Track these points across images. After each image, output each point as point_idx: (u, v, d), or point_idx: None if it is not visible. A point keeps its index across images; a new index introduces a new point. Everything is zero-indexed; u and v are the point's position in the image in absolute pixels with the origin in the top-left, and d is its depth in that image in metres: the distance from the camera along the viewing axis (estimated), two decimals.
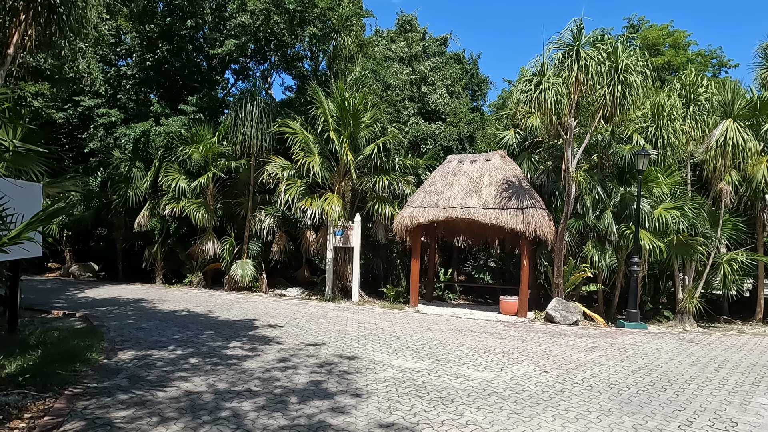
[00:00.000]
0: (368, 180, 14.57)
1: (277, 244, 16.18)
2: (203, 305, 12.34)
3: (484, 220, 12.51)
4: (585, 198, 12.74)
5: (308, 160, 13.86)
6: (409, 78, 17.24)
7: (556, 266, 12.46)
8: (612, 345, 9.32)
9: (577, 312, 11.91)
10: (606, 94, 11.36)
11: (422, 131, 16.33)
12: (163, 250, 16.44)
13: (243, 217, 16.36)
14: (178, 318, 10.37)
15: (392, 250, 16.82)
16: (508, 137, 14.82)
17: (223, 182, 16.31)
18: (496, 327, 10.90)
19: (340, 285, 15.28)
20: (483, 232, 15.84)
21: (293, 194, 13.96)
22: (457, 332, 10.02)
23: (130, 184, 15.65)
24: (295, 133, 14.28)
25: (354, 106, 13.90)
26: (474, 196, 13.01)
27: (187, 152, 15.07)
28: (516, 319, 12.31)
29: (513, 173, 13.28)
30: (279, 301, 14.01)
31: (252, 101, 15.30)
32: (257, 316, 11.06)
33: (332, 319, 11.09)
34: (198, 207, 15.27)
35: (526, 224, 12.13)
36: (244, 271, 15.56)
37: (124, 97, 16.09)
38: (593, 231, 12.88)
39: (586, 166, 12.57)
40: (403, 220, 13.38)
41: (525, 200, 12.42)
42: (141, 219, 15.68)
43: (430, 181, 13.96)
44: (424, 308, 13.53)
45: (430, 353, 7.99)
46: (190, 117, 15.58)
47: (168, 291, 15.04)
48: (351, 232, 14.64)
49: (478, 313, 13.00)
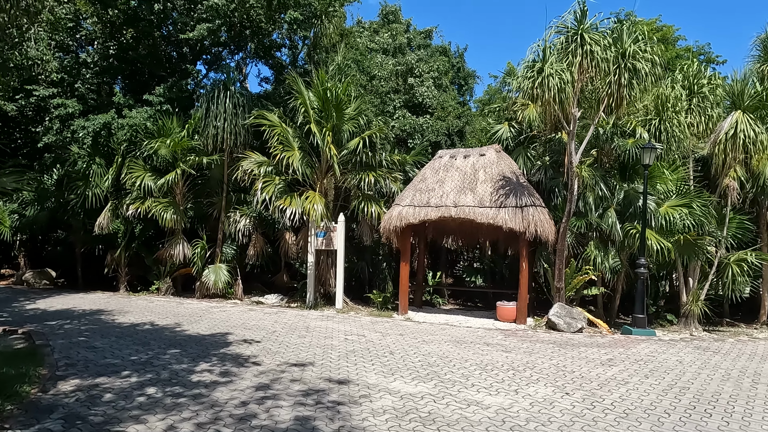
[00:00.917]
0: (353, 177, 13.45)
1: (254, 247, 14.94)
2: (170, 316, 11.04)
3: (480, 220, 11.52)
4: (587, 195, 11.87)
5: (287, 155, 12.68)
6: (395, 68, 16.17)
7: (557, 269, 11.56)
8: (628, 356, 8.41)
9: (582, 318, 11.02)
10: (612, 83, 10.50)
11: (410, 125, 15.28)
12: (128, 254, 15.01)
13: (216, 218, 15.07)
14: (139, 333, 9.09)
15: (378, 252, 15.74)
16: (502, 131, 13.88)
17: (193, 180, 14.98)
18: (497, 337, 9.92)
19: (323, 290, 14.13)
20: (475, 232, 14.89)
21: (271, 192, 12.75)
22: (456, 344, 8.99)
23: (89, 182, 14.17)
24: (272, 126, 13.08)
25: (337, 96, 12.78)
26: (468, 193, 12.02)
27: (153, 147, 13.70)
28: (515, 326, 11.36)
29: (510, 169, 12.33)
30: (256, 309, 12.79)
31: (225, 92, 14.03)
32: (231, 328, 9.85)
33: (316, 330, 9.95)
34: (166, 207, 13.92)
35: (525, 224, 11.19)
36: (218, 277, 14.27)
37: (83, 86, 14.61)
38: (596, 231, 12.02)
39: (590, 161, 11.69)
40: (392, 220, 12.31)
41: (524, 198, 11.48)
42: (102, 220, 14.23)
43: (420, 177, 12.92)
44: (414, 315, 12.48)
45: (431, 372, 6.93)
46: (156, 108, 14.20)
47: (132, 300, 13.64)
48: (334, 233, 13.50)
49: (473, 321, 12.01)
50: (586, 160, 11.68)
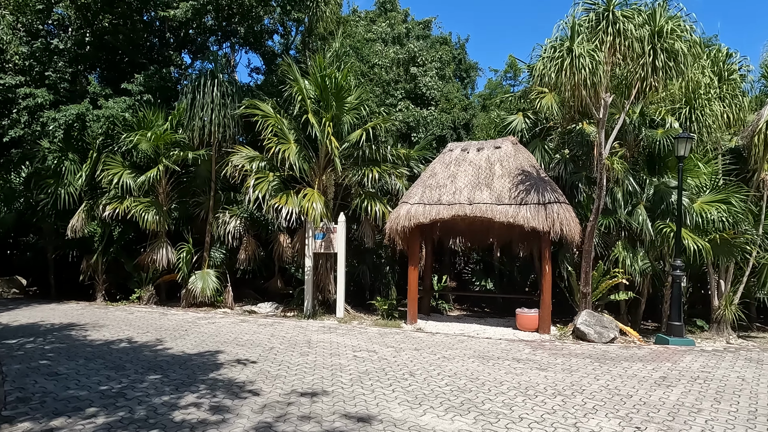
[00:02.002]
0: (354, 173, 12.24)
1: (245, 250, 13.65)
2: (151, 330, 9.74)
3: (499, 218, 10.38)
4: (615, 191, 10.80)
5: (282, 149, 11.43)
6: (396, 57, 14.99)
7: (583, 272, 10.46)
8: (681, 373, 7.31)
9: (614, 327, 9.93)
10: (646, 65, 9.43)
11: (414, 117, 14.11)
12: (105, 260, 13.62)
13: (203, 220, 13.76)
14: (113, 353, 7.79)
15: (380, 255, 14.54)
16: (516, 122, 12.77)
17: (178, 178, 13.66)
18: (524, 350, 8.77)
19: (321, 297, 12.89)
20: (485, 232, 13.77)
21: (264, 190, 11.49)
22: (482, 361, 7.83)
23: (60, 180, 12.77)
24: (265, 116, 11.82)
25: (337, 83, 11.57)
26: (484, 189, 10.88)
27: (133, 141, 12.35)
28: (539, 337, 10.23)
29: (528, 162, 11.22)
30: (248, 320, 11.51)
31: (213, 80, 12.74)
32: (221, 345, 8.58)
33: (319, 345, 8.72)
34: (147, 207, 12.57)
35: (549, 222, 10.07)
36: (205, 284, 12.96)
37: (55, 75, 13.21)
38: (624, 229, 10.95)
39: (622, 151, 10.61)
40: (399, 220, 11.12)
41: (546, 193, 10.37)
42: (75, 223, 12.83)
43: (429, 172, 11.76)
44: (425, 325, 11.30)
45: (466, 401, 5.75)
46: (136, 99, 12.86)
47: (109, 311, 12.27)
48: (334, 234, 12.29)
49: (490, 330, 10.87)
50: (619, 151, 10.60)
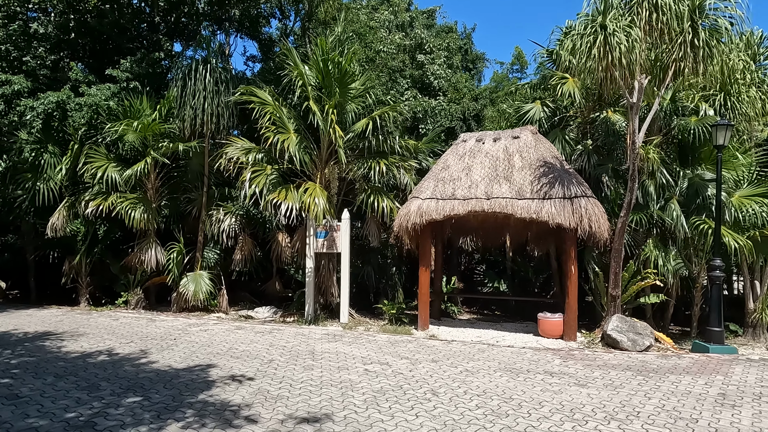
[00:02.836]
0: (360, 166, 11.28)
1: (241, 250, 12.66)
2: (136, 340, 8.74)
3: (521, 214, 9.44)
4: (647, 184, 9.87)
5: (281, 139, 10.44)
6: (402, 43, 14.03)
7: (612, 272, 9.53)
8: (737, 388, 6.38)
9: (648, 334, 9.00)
10: (685, 43, 8.50)
11: (422, 107, 13.16)
12: (89, 261, 12.59)
13: (196, 217, 12.76)
14: (89, 369, 6.80)
15: (386, 255, 13.57)
16: (534, 111, 11.82)
17: (168, 172, 12.65)
18: (554, 361, 7.83)
19: (323, 301, 11.92)
20: (499, 230, 12.86)
21: (262, 184, 10.51)
22: (511, 374, 6.88)
23: (39, 174, 11.74)
24: (263, 104, 10.84)
25: (341, 68, 10.60)
26: (503, 182, 9.94)
27: (118, 131, 11.35)
28: (565, 345, 9.29)
29: (551, 153, 10.29)
30: (245, 327, 10.53)
31: (205, 65, 11.76)
32: (214, 357, 7.60)
33: (324, 357, 7.75)
34: (134, 204, 11.57)
35: (576, 218, 9.14)
36: (198, 287, 11.96)
37: (34, 61, 12.19)
38: (656, 226, 10.03)
39: (657, 139, 9.68)
40: (410, 216, 10.16)
41: (572, 187, 9.44)
42: (56, 221, 11.81)
43: (441, 165, 10.81)
44: (437, 331, 10.36)
45: (506, 429, 4.80)
46: (122, 86, 11.86)
47: (92, 317, 11.26)
48: (337, 233, 11.32)
49: (510, 337, 9.92)
50: (654, 139, 9.68)
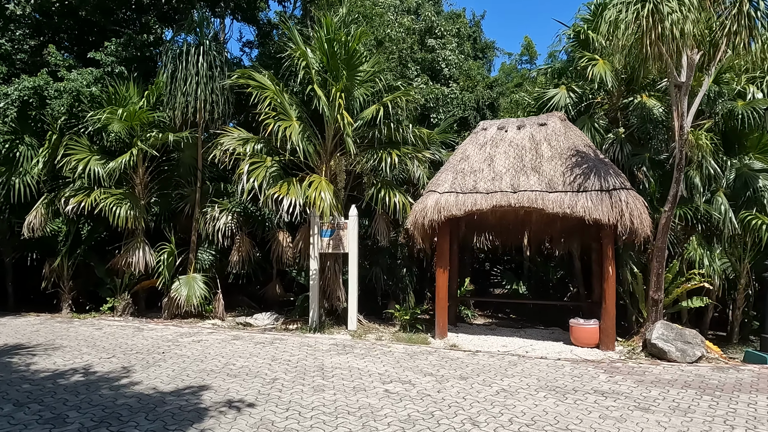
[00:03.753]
0: (369, 157, 10.23)
1: (238, 251, 11.59)
2: (119, 354, 7.67)
3: (553, 208, 8.42)
4: (691, 175, 8.86)
5: (283, 126, 9.37)
6: (412, 27, 12.98)
7: (654, 274, 8.52)
8: None
9: (699, 343, 7.97)
10: (741, 13, 7.50)
11: (434, 95, 12.12)
12: (72, 263, 11.49)
13: (189, 215, 11.68)
14: (58, 393, 5.73)
15: (394, 255, 12.53)
16: (559, 96, 10.79)
17: (158, 165, 11.57)
18: (599, 377, 6.80)
19: (327, 305, 10.86)
20: (520, 227, 11.84)
21: (261, 178, 9.45)
22: (557, 395, 5.85)
23: (14, 167, 10.64)
24: (262, 88, 9.77)
25: (349, 48, 9.55)
26: (531, 174, 8.92)
27: (102, 119, 10.27)
28: (603, 355, 8.26)
29: (583, 141, 9.28)
30: (243, 336, 9.46)
31: (198, 48, 10.70)
32: (208, 375, 6.54)
33: (336, 374, 6.70)
34: (119, 200, 10.49)
35: (616, 212, 8.11)
36: (191, 291, 10.89)
37: (9, 44, 11.10)
38: (700, 222, 9.02)
39: (708, 123, 8.66)
40: (426, 212, 9.12)
41: (610, 178, 8.43)
42: (33, 219, 10.71)
43: (459, 155, 9.78)
44: (456, 339, 9.33)
45: None
46: (106, 70, 10.79)
47: (73, 326, 10.16)
48: (344, 231, 10.27)
49: (538, 346, 8.89)
50: (704, 123, 8.67)
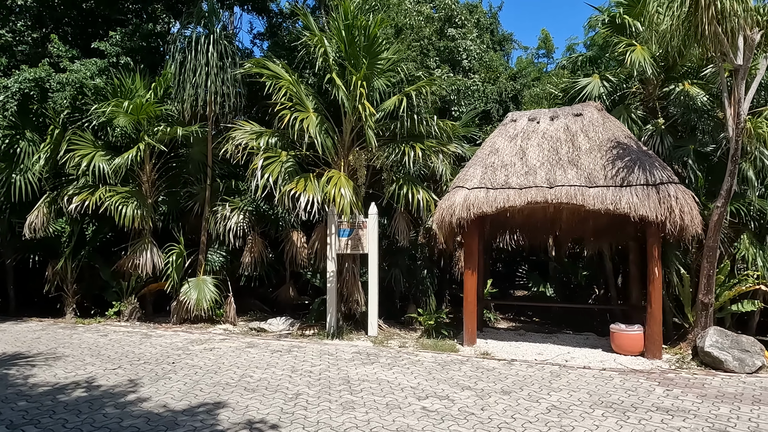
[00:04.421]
0: (390, 151, 9.60)
1: (250, 252, 10.99)
2: (125, 364, 7.06)
3: (593, 205, 7.74)
4: (744, 167, 8.16)
5: (300, 117, 8.75)
6: (431, 15, 12.35)
7: (704, 275, 7.82)
8: None
9: (758, 351, 7.26)
10: None
11: (456, 86, 11.47)
12: (75, 265, 10.92)
13: (198, 215, 11.10)
14: (58, 411, 5.12)
15: (414, 256, 11.89)
16: (592, 86, 10.11)
17: (166, 162, 10.98)
18: (655, 390, 6.11)
19: (345, 309, 10.23)
20: (550, 225, 11.13)
21: (276, 173, 8.83)
22: (616, 413, 5.17)
23: (15, 164, 10.08)
24: (277, 78, 9.14)
25: (369, 33, 8.92)
26: (569, 168, 8.24)
27: (107, 113, 9.69)
28: (651, 364, 7.56)
29: (623, 132, 8.60)
30: (257, 343, 8.84)
31: (208, 38, 10.11)
32: (223, 390, 5.92)
33: (364, 388, 6.05)
34: (125, 199, 9.91)
35: (665, 209, 7.42)
36: (201, 294, 10.30)
37: (10, 35, 10.55)
38: (753, 219, 8.31)
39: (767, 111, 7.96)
40: (454, 210, 8.45)
41: (656, 171, 7.74)
42: (35, 219, 10.15)
43: (488, 149, 9.11)
44: (486, 346, 8.66)
45: None
46: (111, 61, 10.22)
47: (77, 332, 9.58)
48: (364, 230, 9.63)
49: (577, 353, 8.20)
50: (763, 110, 7.96)
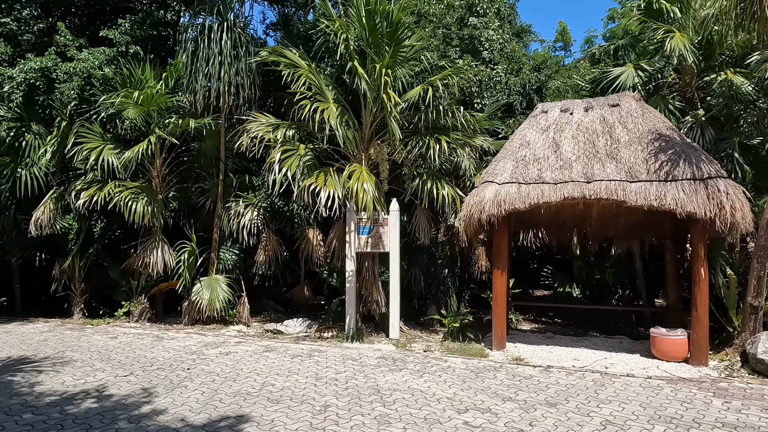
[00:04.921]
0: (414, 144, 9.10)
1: (265, 250, 10.53)
2: (138, 370, 6.62)
3: (635, 201, 7.21)
4: None
5: (321, 108, 8.26)
6: (452, 3, 11.82)
7: (754, 276, 7.30)
8: None
9: None
10: None
11: (480, 77, 10.96)
12: (84, 264, 10.50)
13: (210, 211, 10.65)
14: (66, 425, 4.67)
15: (434, 254, 11.40)
16: (626, 76, 9.58)
17: (177, 156, 10.54)
18: (712, 402, 5.61)
19: (363, 310, 9.77)
20: (580, 222, 10.60)
21: (294, 167, 8.35)
22: (678, 430, 4.67)
23: (20, 158, 9.66)
24: (295, 66, 8.66)
25: (392, 19, 8.42)
26: (607, 161, 7.73)
27: (116, 104, 9.25)
28: (698, 372, 7.03)
29: (664, 123, 8.07)
30: (275, 347, 8.38)
31: (221, 25, 9.65)
32: (245, 401, 5.45)
33: (396, 399, 5.57)
34: (135, 194, 9.47)
35: (714, 205, 6.89)
36: (214, 294, 9.87)
37: (15, 23, 10.13)
38: None
39: None
40: (483, 206, 7.94)
41: (703, 165, 7.22)
42: (41, 215, 9.73)
43: (518, 141, 8.60)
44: (517, 350, 8.17)
45: None
46: (120, 50, 9.77)
47: (85, 334, 9.15)
48: (384, 228, 9.16)
49: (616, 359, 7.69)
50: None
